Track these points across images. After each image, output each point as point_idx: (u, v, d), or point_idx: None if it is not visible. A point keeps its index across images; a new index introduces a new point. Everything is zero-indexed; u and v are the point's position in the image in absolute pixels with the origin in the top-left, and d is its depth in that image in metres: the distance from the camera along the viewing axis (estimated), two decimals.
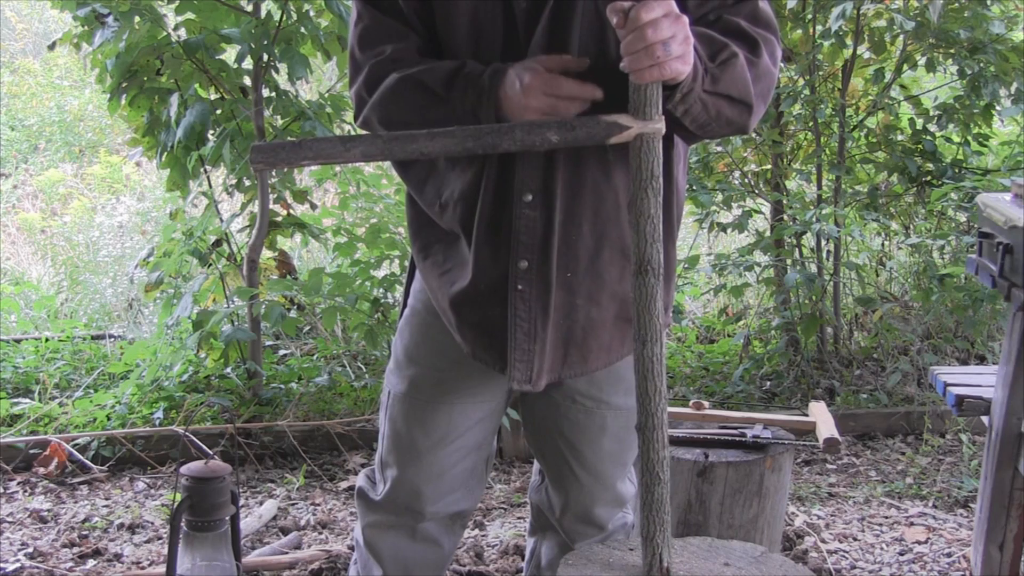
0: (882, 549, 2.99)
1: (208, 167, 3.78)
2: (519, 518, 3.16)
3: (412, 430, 1.86)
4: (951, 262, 4.35)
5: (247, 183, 3.76)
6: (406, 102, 1.62)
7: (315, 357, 4.13)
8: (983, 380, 2.51)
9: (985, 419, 2.42)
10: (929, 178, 4.24)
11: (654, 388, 1.44)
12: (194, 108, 3.49)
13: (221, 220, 3.79)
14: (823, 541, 3.02)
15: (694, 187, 4.05)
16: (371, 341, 3.59)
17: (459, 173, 1.69)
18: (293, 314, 3.78)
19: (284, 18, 3.47)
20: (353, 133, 3.81)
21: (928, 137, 4.22)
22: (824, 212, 3.89)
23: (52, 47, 3.79)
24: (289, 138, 3.50)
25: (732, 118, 1.56)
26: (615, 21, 1.38)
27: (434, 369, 1.84)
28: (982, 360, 4.23)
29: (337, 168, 3.95)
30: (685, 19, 1.39)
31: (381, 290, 3.74)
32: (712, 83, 1.50)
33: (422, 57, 1.65)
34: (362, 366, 4.03)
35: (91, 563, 2.86)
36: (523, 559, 2.70)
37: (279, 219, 3.85)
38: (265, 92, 3.63)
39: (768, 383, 4.13)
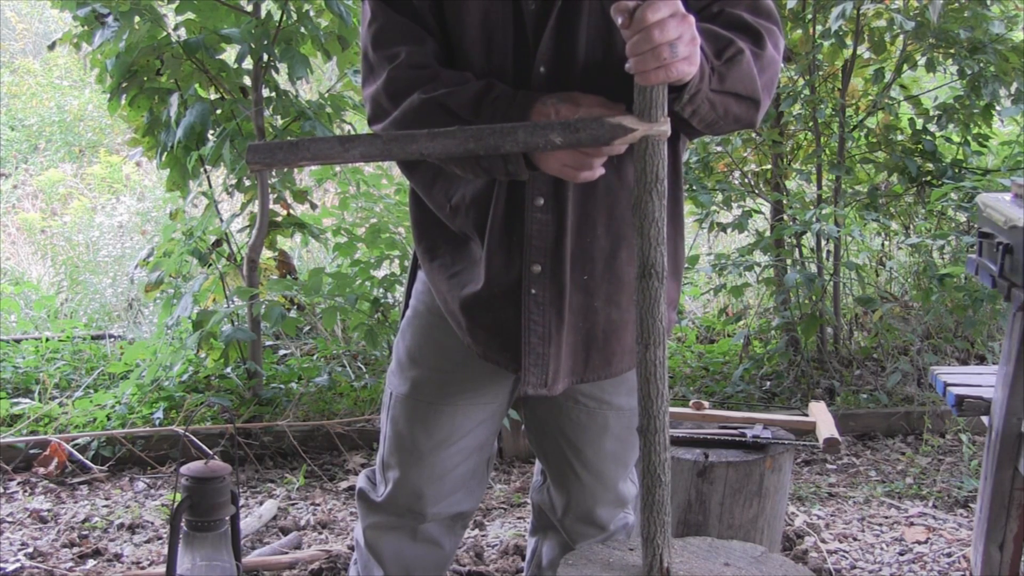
0: (882, 549, 2.99)
1: (208, 167, 3.78)
2: (519, 518, 3.16)
3: (414, 431, 1.86)
4: (951, 262, 4.35)
5: (247, 183, 3.76)
6: (432, 127, 1.57)
7: (315, 357, 4.13)
8: (983, 380, 2.51)
9: (985, 419, 2.42)
10: (929, 178, 4.24)
11: (656, 391, 1.44)
12: (194, 108, 3.49)
13: (221, 220, 3.79)
14: (823, 541, 3.02)
15: (694, 187, 4.05)
16: (371, 341, 3.59)
17: (469, 178, 1.68)
18: (293, 314, 3.77)
19: (284, 18, 3.47)
20: (354, 133, 3.82)
21: (928, 137, 4.21)
22: (824, 212, 3.89)
23: (52, 47, 3.79)
24: (289, 138, 3.51)
25: (740, 115, 1.54)
26: (620, 21, 1.34)
27: (436, 371, 1.84)
28: (982, 360, 4.23)
29: (337, 168, 3.95)
30: (692, 19, 1.36)
31: (381, 290, 3.74)
32: (719, 82, 1.47)
33: (439, 65, 1.62)
34: (362, 366, 4.03)
35: (91, 563, 2.86)
36: (523, 559, 2.71)
37: (279, 219, 3.85)
38: (265, 92, 3.63)
39: (768, 383, 4.13)
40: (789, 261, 4.18)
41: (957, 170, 4.18)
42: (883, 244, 4.87)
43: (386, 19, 1.64)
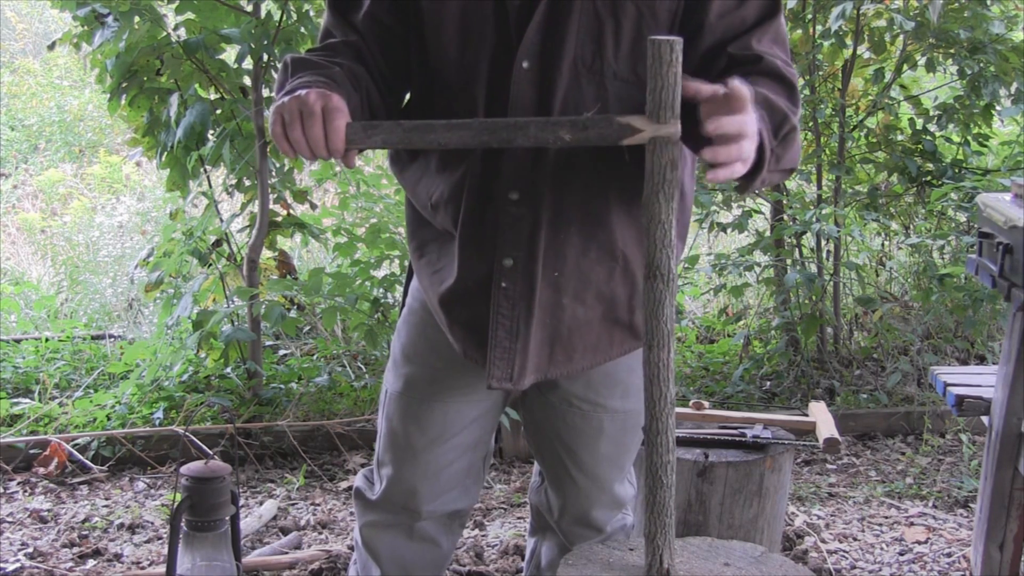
0: (882, 549, 2.99)
1: (208, 167, 3.78)
2: (519, 518, 3.16)
3: (407, 428, 1.86)
4: (951, 262, 4.35)
5: (247, 183, 3.76)
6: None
7: (315, 357, 4.13)
8: (983, 380, 2.51)
9: (985, 419, 2.42)
10: (929, 178, 4.24)
11: (660, 393, 1.43)
12: (194, 108, 3.49)
13: (221, 220, 3.79)
14: (823, 541, 3.02)
15: (694, 187, 4.05)
16: (371, 341, 3.59)
17: (447, 175, 1.69)
18: (293, 314, 3.77)
19: (284, 18, 3.47)
20: None
21: (928, 137, 4.21)
22: (824, 212, 3.89)
23: (52, 47, 3.79)
24: None
25: (777, 182, 1.60)
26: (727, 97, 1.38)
27: (429, 367, 1.84)
28: (982, 360, 4.23)
29: (337, 168, 3.95)
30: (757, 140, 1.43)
31: (381, 290, 3.74)
32: (776, 163, 1.53)
33: (357, 58, 1.68)
34: (362, 366, 4.03)
35: (91, 563, 2.86)
36: (523, 559, 2.70)
37: (279, 219, 3.85)
38: (265, 92, 3.63)
39: (768, 383, 4.13)
40: (789, 261, 4.18)
41: (957, 170, 4.18)
42: (883, 244, 4.87)
43: (331, 22, 1.73)
